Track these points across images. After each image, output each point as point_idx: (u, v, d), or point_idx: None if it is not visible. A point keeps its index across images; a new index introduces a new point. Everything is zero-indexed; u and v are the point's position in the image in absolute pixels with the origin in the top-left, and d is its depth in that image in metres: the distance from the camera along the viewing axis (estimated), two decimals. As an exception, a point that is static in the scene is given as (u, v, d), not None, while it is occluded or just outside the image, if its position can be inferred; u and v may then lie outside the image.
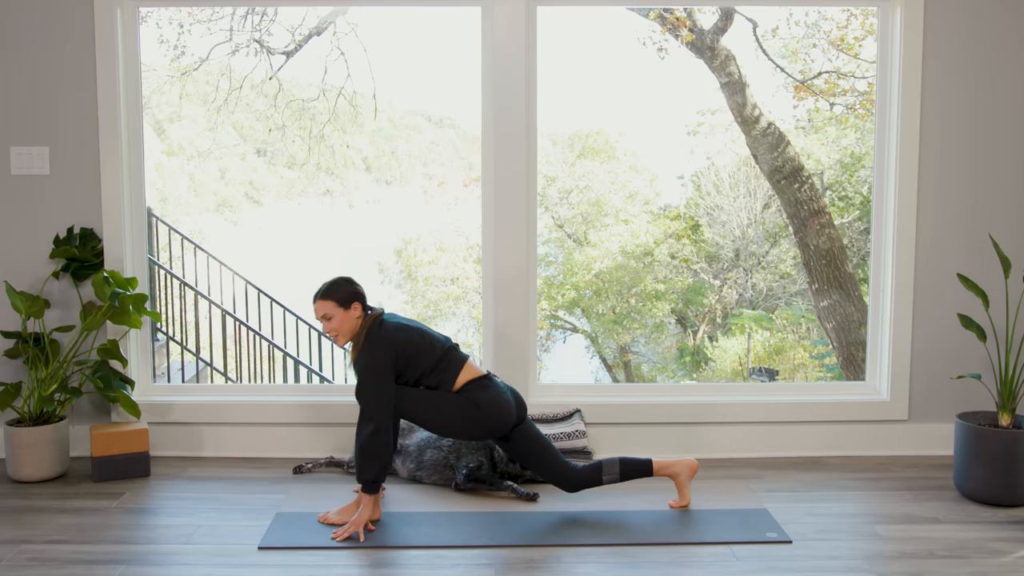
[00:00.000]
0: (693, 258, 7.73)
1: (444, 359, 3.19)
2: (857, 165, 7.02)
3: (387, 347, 3.10)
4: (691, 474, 3.28)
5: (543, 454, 3.24)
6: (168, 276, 5.93)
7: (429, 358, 3.17)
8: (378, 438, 3.01)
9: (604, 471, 3.22)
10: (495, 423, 3.17)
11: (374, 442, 3.01)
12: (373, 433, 3.01)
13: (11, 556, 2.85)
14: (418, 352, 3.15)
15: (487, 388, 3.19)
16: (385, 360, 3.08)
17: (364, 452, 3.02)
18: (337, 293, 3.17)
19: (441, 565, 2.81)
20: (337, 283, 3.20)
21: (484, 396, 3.16)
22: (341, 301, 3.16)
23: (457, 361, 3.22)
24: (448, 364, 3.20)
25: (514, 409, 3.22)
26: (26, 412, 3.63)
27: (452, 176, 9.00)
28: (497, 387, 3.22)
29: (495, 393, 3.19)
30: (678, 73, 6.65)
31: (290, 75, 6.65)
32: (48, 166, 3.80)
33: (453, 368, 3.19)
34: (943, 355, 3.92)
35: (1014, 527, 3.11)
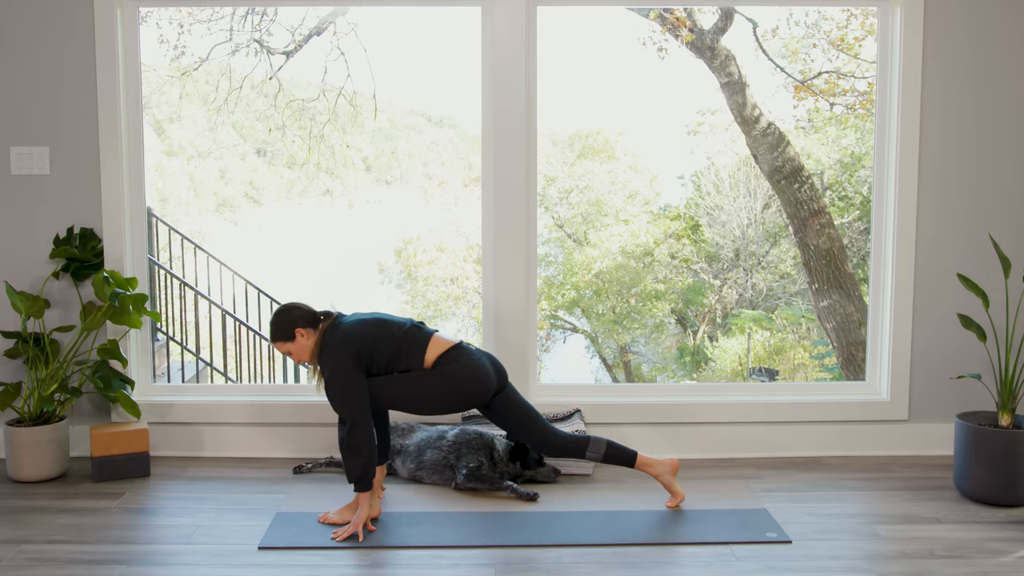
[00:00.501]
0: (693, 258, 7.73)
1: (406, 340, 3.15)
2: (857, 165, 7.02)
3: (343, 345, 3.07)
4: (673, 472, 3.27)
5: (528, 418, 3.24)
6: (168, 276, 5.93)
7: (389, 343, 3.13)
8: (354, 436, 3.00)
9: (589, 447, 3.22)
10: (474, 391, 3.15)
11: (351, 440, 3.00)
12: (349, 431, 3.00)
13: (11, 556, 2.85)
14: (376, 341, 3.11)
15: (458, 358, 3.15)
16: (344, 358, 3.05)
17: (344, 451, 3.02)
18: (276, 332, 3.16)
19: (441, 565, 2.81)
20: (273, 322, 3.18)
21: (456, 366, 3.13)
22: (284, 336, 3.15)
23: (421, 338, 3.17)
24: (412, 344, 3.16)
25: (492, 375, 3.19)
26: (26, 412, 3.63)
27: (452, 176, 9.00)
28: (471, 354, 3.19)
29: (468, 361, 3.15)
30: (678, 73, 6.65)
31: (290, 75, 6.66)
32: (48, 166, 3.80)
33: (418, 346, 3.16)
34: (943, 355, 3.92)
35: (1014, 527, 3.11)
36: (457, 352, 3.18)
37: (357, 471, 3.01)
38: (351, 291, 8.46)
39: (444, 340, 3.21)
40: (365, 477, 3.02)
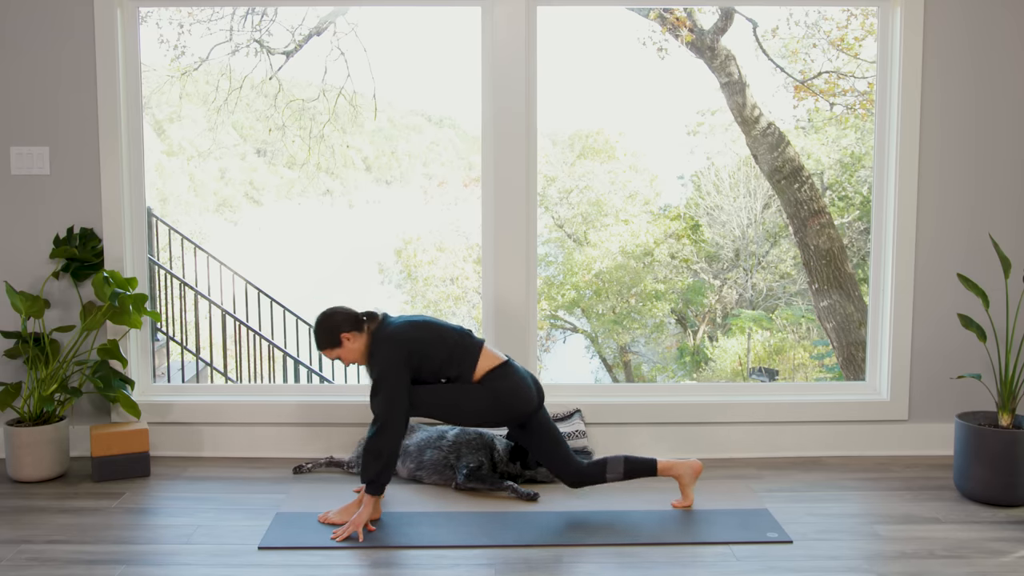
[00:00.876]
0: (693, 258, 7.74)
1: (459, 347, 3.16)
2: (857, 165, 7.02)
3: (396, 346, 3.08)
4: (695, 476, 3.27)
5: (555, 444, 3.24)
6: (168, 276, 5.93)
7: (442, 347, 3.13)
8: (383, 438, 3.00)
9: (608, 469, 3.21)
10: (517, 412, 3.16)
11: (380, 442, 3.00)
12: (378, 432, 3.01)
13: (11, 556, 2.85)
14: (428, 344, 3.12)
15: (507, 376, 3.16)
16: (396, 358, 3.05)
17: (368, 452, 3.02)
18: (322, 340, 3.17)
19: (441, 565, 2.81)
20: (317, 331, 3.18)
21: (505, 385, 3.14)
22: (330, 342, 3.15)
23: (473, 348, 3.18)
24: (465, 352, 3.16)
25: (535, 397, 3.21)
26: (26, 412, 3.63)
27: (452, 176, 9.00)
28: (517, 373, 3.20)
29: (516, 381, 3.16)
30: (678, 73, 6.65)
31: (290, 75, 6.66)
32: (48, 166, 3.80)
33: (471, 355, 3.16)
34: (943, 355, 3.92)
35: (1014, 527, 3.11)
36: (507, 370, 3.19)
37: (372, 473, 3.01)
38: (351, 291, 8.46)
39: (494, 354, 3.22)
40: (379, 481, 3.02)
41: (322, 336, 3.16)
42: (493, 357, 3.21)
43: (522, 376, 3.21)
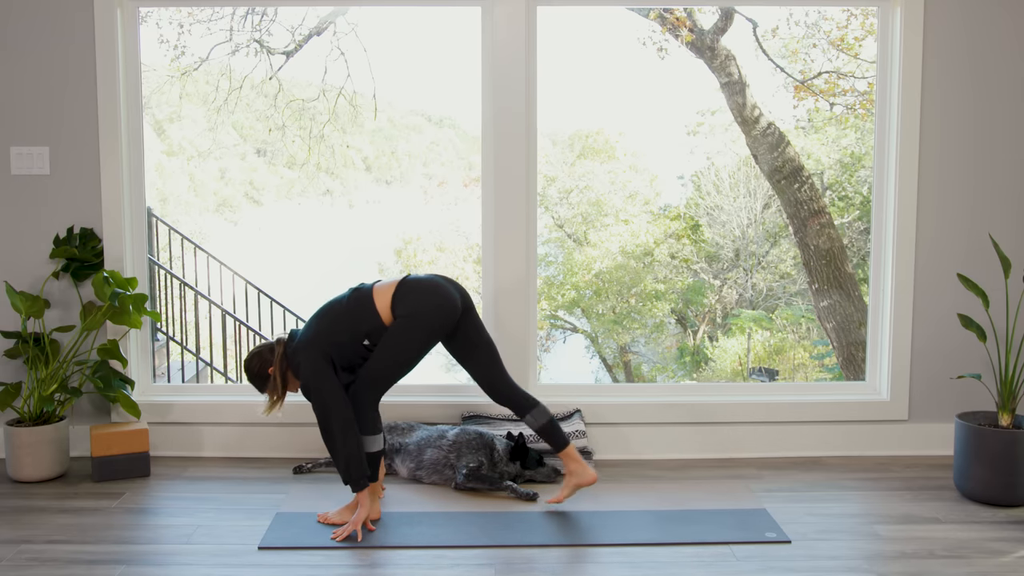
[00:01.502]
0: (693, 258, 7.74)
1: (352, 306, 3.09)
2: (857, 165, 7.02)
3: (307, 351, 3.04)
4: (581, 485, 3.22)
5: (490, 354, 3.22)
6: (168, 276, 5.93)
7: (343, 321, 3.08)
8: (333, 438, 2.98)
9: (533, 412, 3.20)
10: (444, 316, 3.08)
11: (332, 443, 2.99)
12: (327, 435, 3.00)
13: (11, 556, 2.85)
14: (331, 331, 3.07)
15: (409, 293, 3.08)
16: (314, 363, 3.01)
17: (333, 455, 3.02)
18: (257, 383, 3.16)
19: (441, 565, 2.81)
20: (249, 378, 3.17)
21: (412, 302, 3.06)
22: (262, 380, 3.15)
23: (366, 296, 3.10)
24: (360, 305, 3.09)
25: (450, 289, 3.14)
26: (26, 412, 3.63)
27: (452, 176, 9.00)
28: (420, 282, 3.12)
29: (421, 288, 3.08)
30: (678, 73, 6.65)
31: (290, 75, 6.66)
32: (48, 166, 3.80)
33: (366, 305, 3.08)
34: (943, 355, 3.92)
35: (1014, 527, 3.11)
36: (406, 288, 3.10)
37: (343, 473, 3.00)
38: (351, 291, 8.43)
39: (387, 285, 3.13)
40: (354, 477, 3.00)
41: (255, 379, 3.16)
42: (387, 289, 3.12)
43: (427, 281, 3.13)
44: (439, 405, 3.91)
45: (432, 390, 4.00)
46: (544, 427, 3.21)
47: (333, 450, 3.01)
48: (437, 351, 3.34)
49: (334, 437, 2.99)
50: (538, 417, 3.21)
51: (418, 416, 3.87)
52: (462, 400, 3.93)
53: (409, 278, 3.16)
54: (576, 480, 3.22)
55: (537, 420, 3.21)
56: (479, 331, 3.25)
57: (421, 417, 3.87)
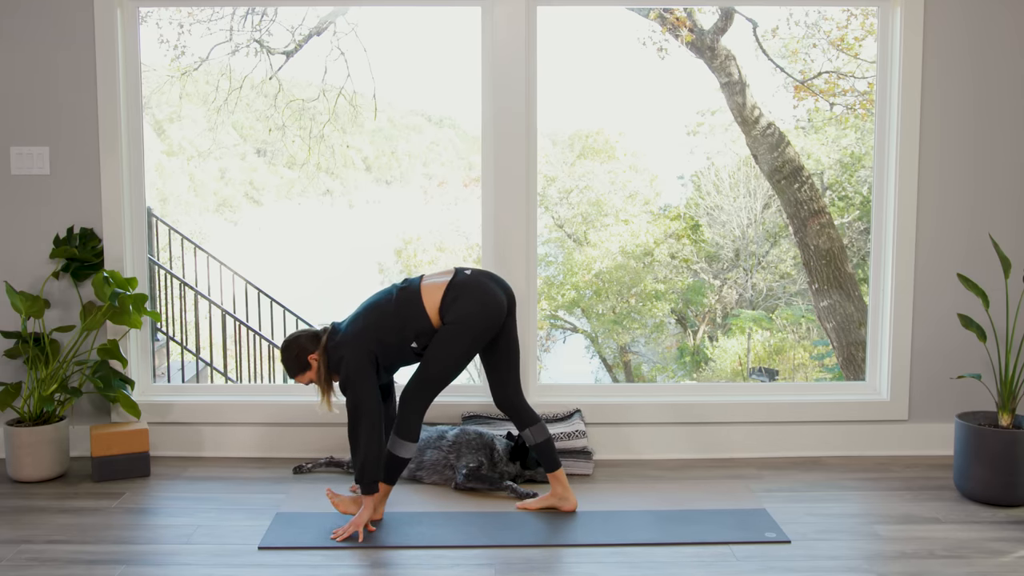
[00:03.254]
0: (693, 258, 7.74)
1: (401, 306, 3.05)
2: (857, 165, 7.02)
3: (352, 346, 3.02)
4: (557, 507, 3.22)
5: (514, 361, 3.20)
6: (168, 276, 5.93)
7: (391, 319, 3.04)
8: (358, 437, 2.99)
9: (533, 428, 3.20)
10: (491, 322, 3.05)
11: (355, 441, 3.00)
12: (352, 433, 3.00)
13: (11, 556, 2.85)
14: (378, 329, 3.04)
15: (459, 298, 3.02)
16: (357, 359, 3.00)
17: (354, 452, 3.02)
18: (292, 367, 3.14)
19: (441, 565, 2.81)
20: (284, 360, 3.15)
21: (461, 308, 3.02)
22: (300, 367, 3.13)
23: (414, 295, 3.05)
24: (409, 305, 3.04)
25: (499, 292, 3.11)
26: (26, 412, 3.63)
27: (452, 176, 9.00)
28: (468, 284, 3.06)
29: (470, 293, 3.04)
30: (678, 73, 6.65)
31: (290, 75, 6.66)
32: (48, 166, 3.80)
33: (415, 304, 3.04)
34: (943, 355, 3.92)
35: (1014, 527, 3.11)
36: (455, 290, 3.05)
37: (357, 473, 3.01)
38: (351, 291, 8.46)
39: (436, 284, 3.08)
40: (364, 480, 3.00)
41: (291, 363, 3.14)
42: (436, 288, 3.07)
43: (475, 284, 3.07)
44: (439, 405, 3.90)
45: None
46: (541, 445, 3.21)
47: (355, 448, 3.01)
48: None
49: (359, 437, 2.99)
50: (537, 435, 3.21)
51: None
52: (462, 400, 3.93)
53: (458, 277, 3.10)
54: (556, 502, 3.23)
55: (535, 437, 3.21)
56: (514, 334, 3.23)
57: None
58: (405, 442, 3.06)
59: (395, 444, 3.07)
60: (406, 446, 3.06)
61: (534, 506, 3.24)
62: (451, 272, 3.14)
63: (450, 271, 3.15)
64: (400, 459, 3.07)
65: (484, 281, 3.12)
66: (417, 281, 3.13)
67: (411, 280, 3.15)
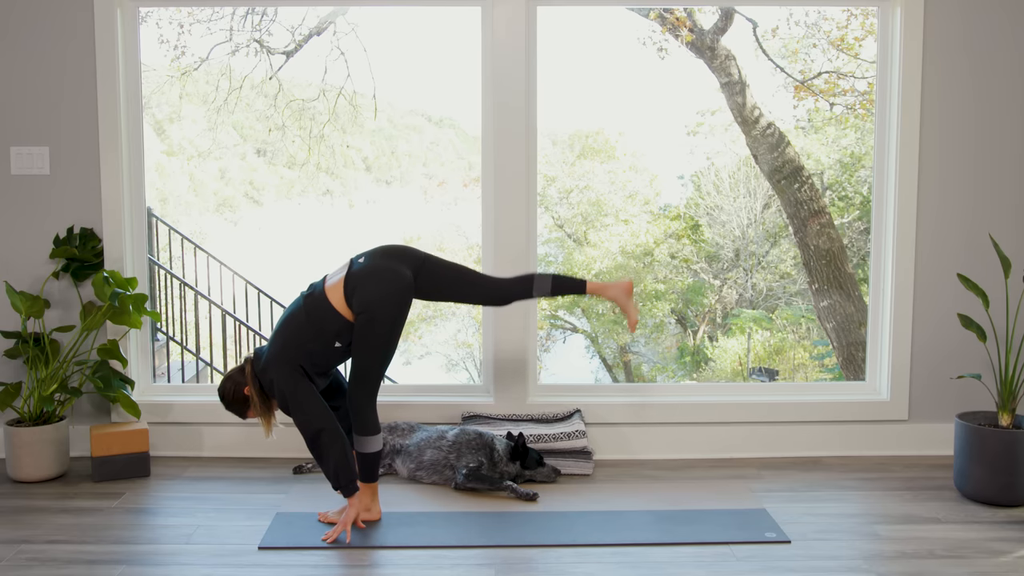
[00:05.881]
0: (693, 258, 7.74)
1: (311, 312, 3.02)
2: (857, 165, 7.02)
3: (278, 365, 2.99)
4: (627, 293, 3.23)
5: (461, 279, 3.18)
6: (168, 276, 5.93)
7: (305, 328, 3.01)
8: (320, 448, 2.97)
9: (535, 285, 3.19)
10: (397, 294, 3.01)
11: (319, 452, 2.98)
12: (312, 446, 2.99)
13: (11, 556, 2.85)
14: (298, 341, 3.01)
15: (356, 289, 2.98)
16: (286, 375, 2.98)
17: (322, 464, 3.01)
18: (236, 408, 3.13)
19: (441, 565, 2.81)
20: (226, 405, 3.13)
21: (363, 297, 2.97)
22: (241, 404, 3.11)
23: (319, 301, 3.02)
24: (317, 309, 3.01)
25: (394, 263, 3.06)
26: (26, 412, 3.63)
27: (452, 176, 9.00)
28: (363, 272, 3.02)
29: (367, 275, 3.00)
30: (678, 73, 6.65)
31: (290, 75, 6.66)
32: (48, 166, 3.80)
33: (323, 307, 3.00)
34: (943, 355, 3.92)
35: (1014, 527, 3.11)
36: (354, 282, 3.00)
37: (332, 479, 3.00)
38: (351, 291, 8.43)
39: (336, 282, 3.04)
40: (341, 483, 2.99)
41: (232, 404, 3.13)
42: (337, 285, 3.02)
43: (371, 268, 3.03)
44: (439, 405, 3.91)
45: (432, 390, 4.00)
46: (556, 287, 3.21)
47: (320, 459, 3.00)
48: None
49: (320, 446, 2.98)
50: (543, 285, 3.20)
51: (418, 416, 3.87)
52: (462, 400, 3.93)
53: (353, 268, 3.06)
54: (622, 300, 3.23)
55: (545, 288, 3.20)
56: (444, 269, 3.18)
57: (421, 417, 3.87)
58: (368, 437, 3.06)
59: (360, 443, 3.07)
60: (371, 440, 3.06)
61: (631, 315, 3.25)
62: (347, 264, 3.11)
63: (346, 264, 3.12)
64: (372, 455, 3.07)
65: (378, 262, 3.07)
66: (320, 284, 3.11)
67: (315, 284, 3.13)
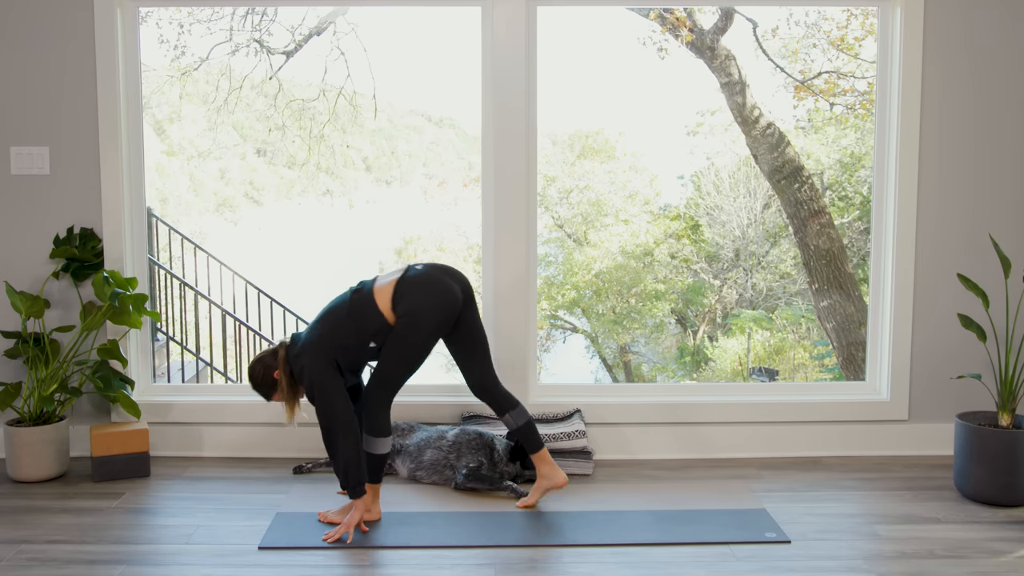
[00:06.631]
0: (693, 258, 7.74)
1: (355, 308, 3.04)
2: (857, 165, 7.02)
3: (312, 354, 3.01)
4: (551, 488, 3.23)
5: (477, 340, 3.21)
6: (168, 276, 5.93)
7: (347, 323, 3.04)
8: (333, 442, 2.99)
9: (512, 412, 3.21)
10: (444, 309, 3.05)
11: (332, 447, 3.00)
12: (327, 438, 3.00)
13: (11, 556, 2.85)
14: (335, 334, 3.03)
15: (406, 294, 3.02)
16: (318, 365, 2.99)
17: (333, 459, 3.02)
18: (263, 389, 3.14)
19: (441, 565, 2.81)
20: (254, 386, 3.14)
21: (411, 303, 3.02)
22: (269, 386, 3.12)
23: (367, 297, 3.05)
24: (363, 307, 3.04)
25: (452, 284, 3.10)
26: (26, 412, 3.63)
27: (452, 176, 9.01)
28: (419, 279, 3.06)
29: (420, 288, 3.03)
30: (678, 73, 6.65)
31: (290, 75, 6.66)
32: (48, 166, 3.81)
33: (369, 306, 3.03)
34: (943, 355, 3.92)
35: (1014, 527, 3.11)
36: (405, 285, 3.05)
37: (341, 477, 3.01)
38: (351, 291, 8.44)
39: (387, 283, 3.07)
40: (349, 483, 3.00)
41: (260, 385, 3.14)
42: (387, 288, 3.06)
43: (426, 277, 3.07)
44: (439, 405, 3.91)
45: (432, 390, 4.00)
46: (522, 428, 3.22)
47: (333, 455, 3.01)
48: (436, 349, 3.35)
49: (335, 442, 2.99)
50: (517, 418, 3.22)
51: (418, 416, 3.87)
52: (462, 400, 3.93)
53: (408, 274, 3.11)
54: (547, 483, 3.23)
55: (516, 420, 3.22)
56: (476, 323, 3.24)
57: (421, 417, 3.87)
58: (378, 439, 3.07)
59: (369, 443, 3.08)
60: (380, 442, 3.08)
61: (533, 500, 3.24)
62: (402, 270, 3.15)
63: (401, 269, 3.16)
64: (379, 456, 3.08)
65: (435, 274, 3.12)
66: (370, 283, 3.14)
67: (365, 282, 3.16)
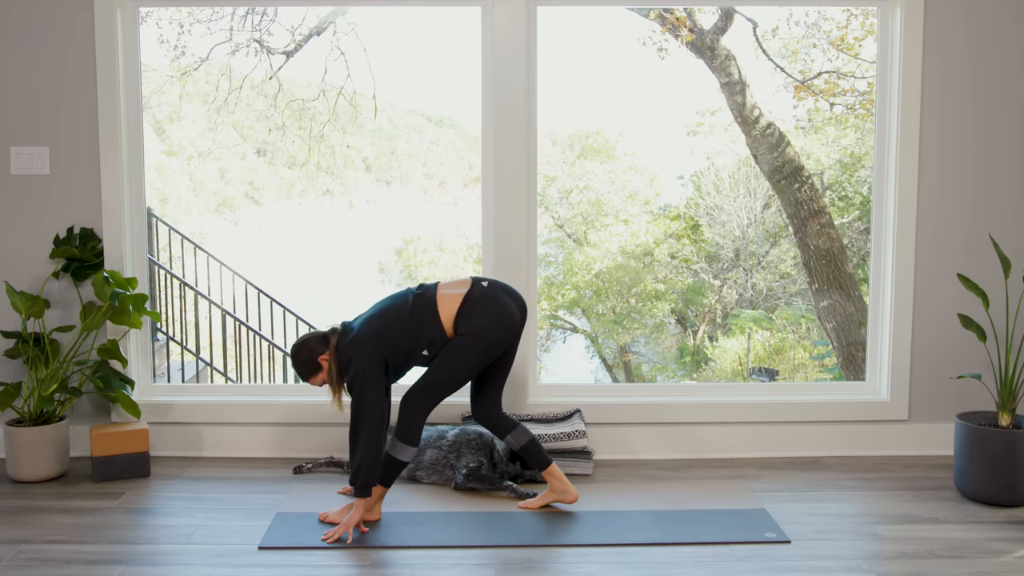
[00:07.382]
0: (693, 258, 7.74)
1: (416, 312, 3.05)
2: (857, 165, 7.02)
3: (363, 346, 3.01)
4: (560, 501, 3.22)
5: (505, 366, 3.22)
6: (168, 276, 5.93)
7: (404, 323, 3.04)
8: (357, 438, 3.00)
9: (513, 432, 3.20)
10: (504, 334, 3.07)
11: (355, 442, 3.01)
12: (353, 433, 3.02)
13: (11, 556, 2.85)
14: (390, 327, 3.04)
15: (473, 313, 3.04)
16: (367, 360, 2.99)
17: (352, 453, 3.04)
18: (304, 370, 3.13)
19: (441, 565, 2.81)
20: (296, 364, 3.14)
21: (475, 323, 3.03)
22: (312, 369, 3.11)
23: (429, 302, 3.06)
24: (424, 312, 3.05)
25: (515, 312, 3.12)
26: (26, 412, 3.63)
27: (452, 176, 9.01)
28: (486, 299, 3.07)
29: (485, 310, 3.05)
30: (678, 73, 6.65)
31: (290, 75, 6.66)
32: (48, 166, 3.81)
33: (430, 312, 3.05)
34: (943, 355, 3.92)
35: (1014, 527, 3.11)
36: (471, 302, 3.06)
37: (352, 475, 3.02)
38: (352, 291, 8.47)
39: (452, 294, 3.09)
40: (358, 483, 3.00)
41: (304, 366, 3.13)
42: (452, 298, 3.08)
43: (493, 298, 3.09)
44: (439, 405, 3.90)
45: (432, 390, 3.99)
46: (526, 447, 3.21)
47: (353, 450, 3.02)
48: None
49: (359, 439, 3.00)
50: (520, 438, 3.21)
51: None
52: (462, 400, 3.92)
53: (475, 290, 3.10)
54: (557, 497, 3.22)
55: (519, 441, 3.21)
56: (513, 352, 3.25)
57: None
58: (405, 446, 3.07)
59: (395, 447, 3.07)
60: (406, 449, 3.07)
61: (535, 504, 3.24)
62: (468, 283, 3.14)
63: (467, 282, 3.15)
64: (399, 462, 3.08)
65: (500, 296, 3.13)
66: (433, 289, 3.13)
67: (427, 286, 3.15)
